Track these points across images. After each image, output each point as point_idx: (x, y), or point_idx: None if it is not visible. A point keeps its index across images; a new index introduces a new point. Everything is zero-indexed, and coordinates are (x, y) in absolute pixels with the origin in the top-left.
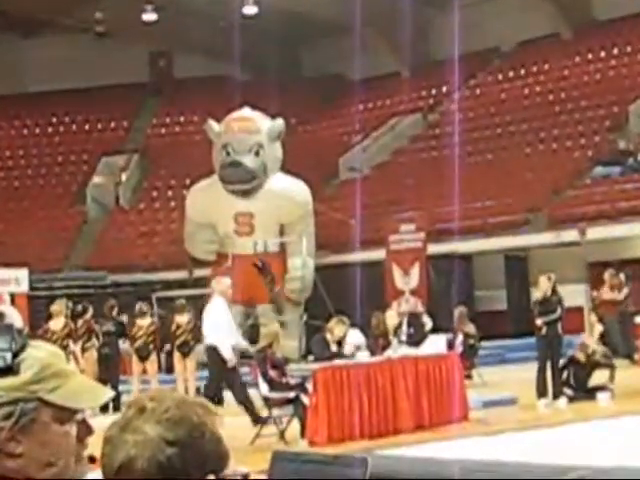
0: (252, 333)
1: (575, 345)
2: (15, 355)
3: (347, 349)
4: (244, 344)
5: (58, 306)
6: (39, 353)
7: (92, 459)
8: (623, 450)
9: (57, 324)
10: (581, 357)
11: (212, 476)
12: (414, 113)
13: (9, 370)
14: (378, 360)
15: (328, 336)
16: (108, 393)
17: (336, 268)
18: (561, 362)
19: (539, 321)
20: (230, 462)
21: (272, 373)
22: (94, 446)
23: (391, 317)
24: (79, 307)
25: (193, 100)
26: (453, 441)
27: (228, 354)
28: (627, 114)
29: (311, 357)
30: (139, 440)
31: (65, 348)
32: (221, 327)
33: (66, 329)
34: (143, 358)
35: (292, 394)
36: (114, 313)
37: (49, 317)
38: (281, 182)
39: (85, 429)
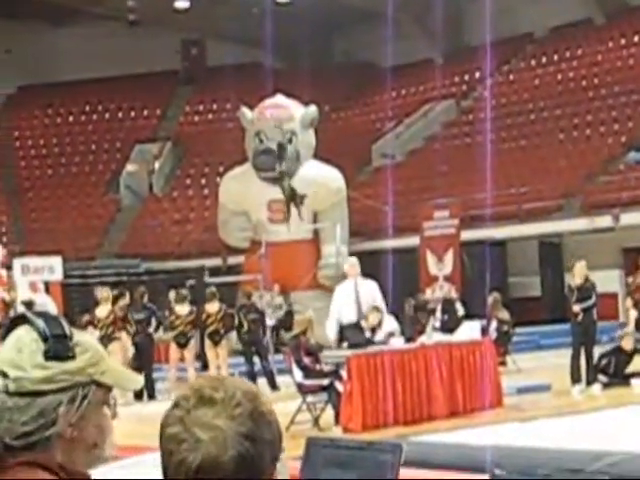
0: (286, 320)
1: (611, 332)
2: (70, 340)
3: (381, 336)
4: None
5: (106, 293)
6: (85, 338)
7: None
8: None
9: (102, 311)
10: (626, 346)
11: (278, 463)
12: (447, 99)
13: (71, 355)
14: (412, 347)
15: (362, 323)
16: (139, 378)
17: (370, 255)
18: (604, 349)
19: (576, 307)
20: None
21: (306, 360)
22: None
23: (424, 303)
24: (115, 292)
25: (226, 88)
26: (487, 427)
27: (331, 333)
28: None
29: (345, 344)
30: (217, 437)
31: (111, 335)
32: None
33: (111, 316)
34: (182, 345)
35: (326, 381)
36: (144, 300)
37: (95, 304)
38: (314, 169)
39: (112, 410)
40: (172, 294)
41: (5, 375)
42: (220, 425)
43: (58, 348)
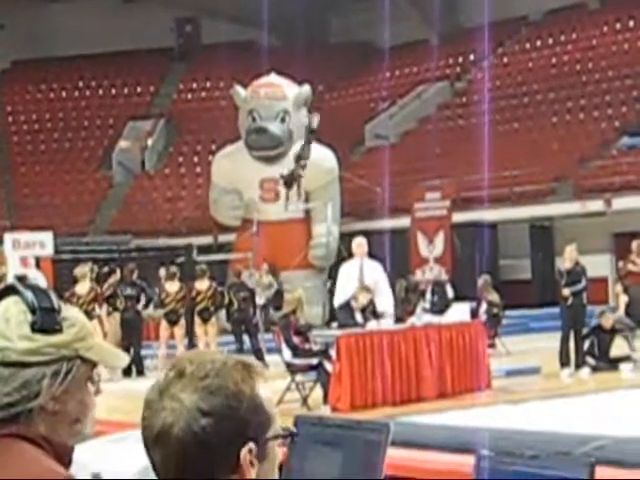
0: (276, 299)
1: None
2: (58, 314)
3: (370, 317)
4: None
5: (82, 270)
6: (73, 313)
7: None
8: None
9: (83, 288)
10: (605, 324)
11: (251, 444)
12: (441, 81)
13: (58, 328)
14: (402, 327)
15: (352, 303)
16: (124, 356)
17: (360, 235)
18: (585, 330)
19: (566, 291)
20: (275, 425)
21: (295, 339)
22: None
23: (414, 285)
24: (106, 269)
25: (220, 66)
26: (475, 409)
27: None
28: None
29: (335, 324)
30: (175, 408)
31: (90, 312)
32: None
33: (92, 293)
34: (172, 323)
35: (315, 360)
36: (134, 277)
37: (75, 281)
38: None
39: (96, 387)
40: (162, 271)
41: None
42: (182, 398)
43: (45, 321)
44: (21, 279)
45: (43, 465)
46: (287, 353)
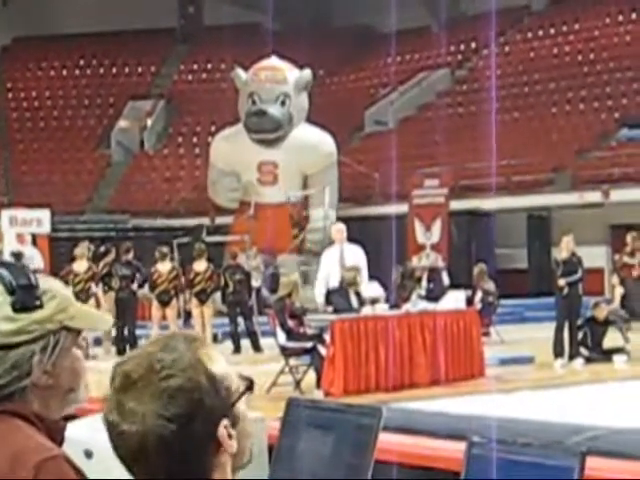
0: (272, 282)
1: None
2: (37, 289)
3: (365, 301)
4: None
5: (81, 249)
6: (52, 284)
7: None
8: (638, 412)
9: (80, 266)
10: (599, 315)
11: (224, 420)
12: (442, 68)
13: (38, 304)
14: (396, 313)
15: (344, 285)
16: (108, 317)
17: (358, 221)
18: (578, 323)
19: (562, 281)
20: (234, 386)
21: (290, 323)
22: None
23: (411, 271)
24: (102, 249)
25: (221, 48)
26: (468, 397)
27: (319, 297)
28: None
29: (330, 308)
30: (139, 426)
31: (87, 290)
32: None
33: (89, 272)
34: (164, 304)
35: (309, 344)
36: (130, 257)
37: (72, 259)
38: (306, 133)
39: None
40: (158, 250)
41: None
42: (143, 412)
43: (25, 299)
44: (17, 256)
45: (36, 441)
46: (281, 336)
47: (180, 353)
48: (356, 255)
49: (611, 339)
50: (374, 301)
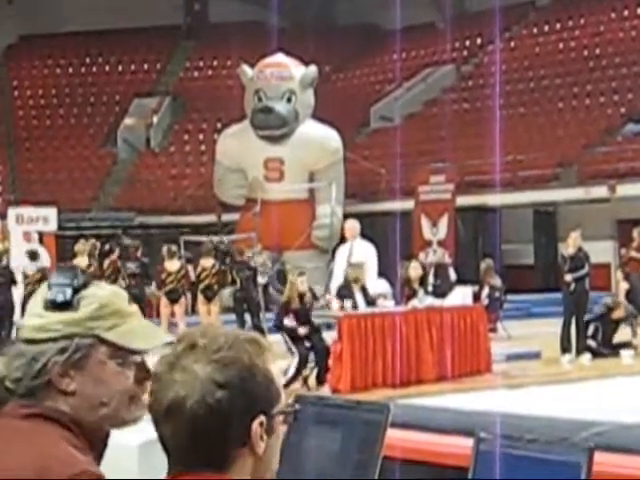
0: (279, 279)
1: (600, 302)
2: (76, 291)
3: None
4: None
5: (82, 245)
6: (101, 292)
7: None
8: None
9: (81, 263)
10: (618, 315)
11: (262, 417)
12: (448, 64)
13: (68, 305)
14: (403, 310)
15: (354, 284)
16: (165, 337)
17: (365, 217)
18: (589, 316)
19: (569, 277)
20: (281, 401)
21: (287, 322)
22: None
23: (417, 267)
24: (106, 247)
25: (227, 45)
26: (475, 393)
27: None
28: None
29: (335, 304)
30: (188, 380)
31: None
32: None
33: (90, 269)
34: (173, 301)
35: (308, 343)
36: (138, 254)
37: (74, 256)
38: (312, 129)
39: (143, 371)
40: (166, 248)
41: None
42: (196, 369)
43: (56, 297)
44: (32, 255)
45: (65, 450)
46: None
47: (246, 337)
48: (365, 251)
49: (619, 334)
50: (380, 297)
